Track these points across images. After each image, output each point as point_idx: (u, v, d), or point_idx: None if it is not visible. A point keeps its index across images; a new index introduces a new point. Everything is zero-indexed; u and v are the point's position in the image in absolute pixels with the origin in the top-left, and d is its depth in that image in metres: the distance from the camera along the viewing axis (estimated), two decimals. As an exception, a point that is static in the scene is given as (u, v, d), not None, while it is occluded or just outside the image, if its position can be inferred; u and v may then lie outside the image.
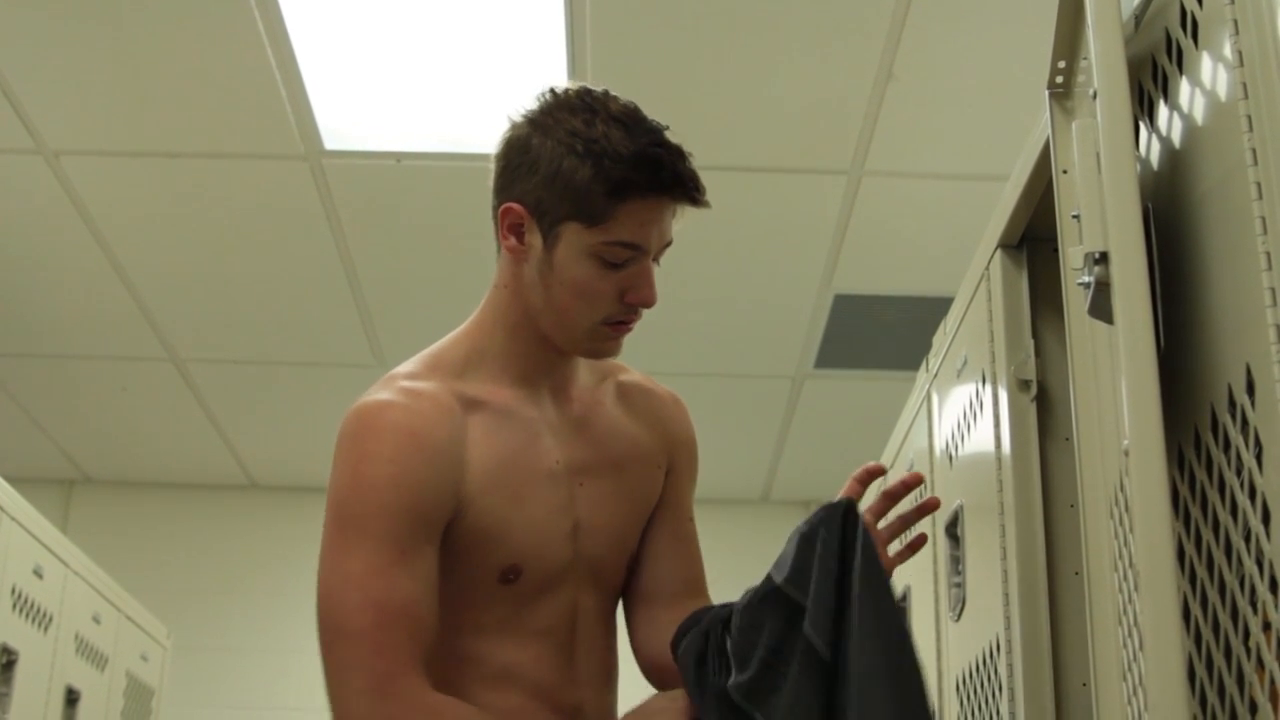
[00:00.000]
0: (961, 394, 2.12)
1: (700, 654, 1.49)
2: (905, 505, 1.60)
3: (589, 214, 1.49)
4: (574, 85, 1.56)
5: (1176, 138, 1.32)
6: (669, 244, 1.57)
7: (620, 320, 1.56)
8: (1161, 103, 1.36)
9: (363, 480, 1.46)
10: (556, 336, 1.57)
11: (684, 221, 1.58)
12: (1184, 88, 1.30)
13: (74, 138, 3.83)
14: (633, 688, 1.65)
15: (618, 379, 1.72)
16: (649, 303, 1.55)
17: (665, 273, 1.59)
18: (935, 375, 2.33)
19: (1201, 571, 1.23)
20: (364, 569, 1.42)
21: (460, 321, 1.66)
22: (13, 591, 3.09)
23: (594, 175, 1.48)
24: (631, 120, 1.52)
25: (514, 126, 1.56)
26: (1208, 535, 1.22)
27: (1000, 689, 1.82)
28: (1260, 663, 1.11)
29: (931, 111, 3.66)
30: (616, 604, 1.68)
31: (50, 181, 3.99)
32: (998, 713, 1.84)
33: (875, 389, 5.06)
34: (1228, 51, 1.19)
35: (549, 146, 1.51)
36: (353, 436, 1.49)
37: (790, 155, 3.83)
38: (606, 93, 1.55)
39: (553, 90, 1.56)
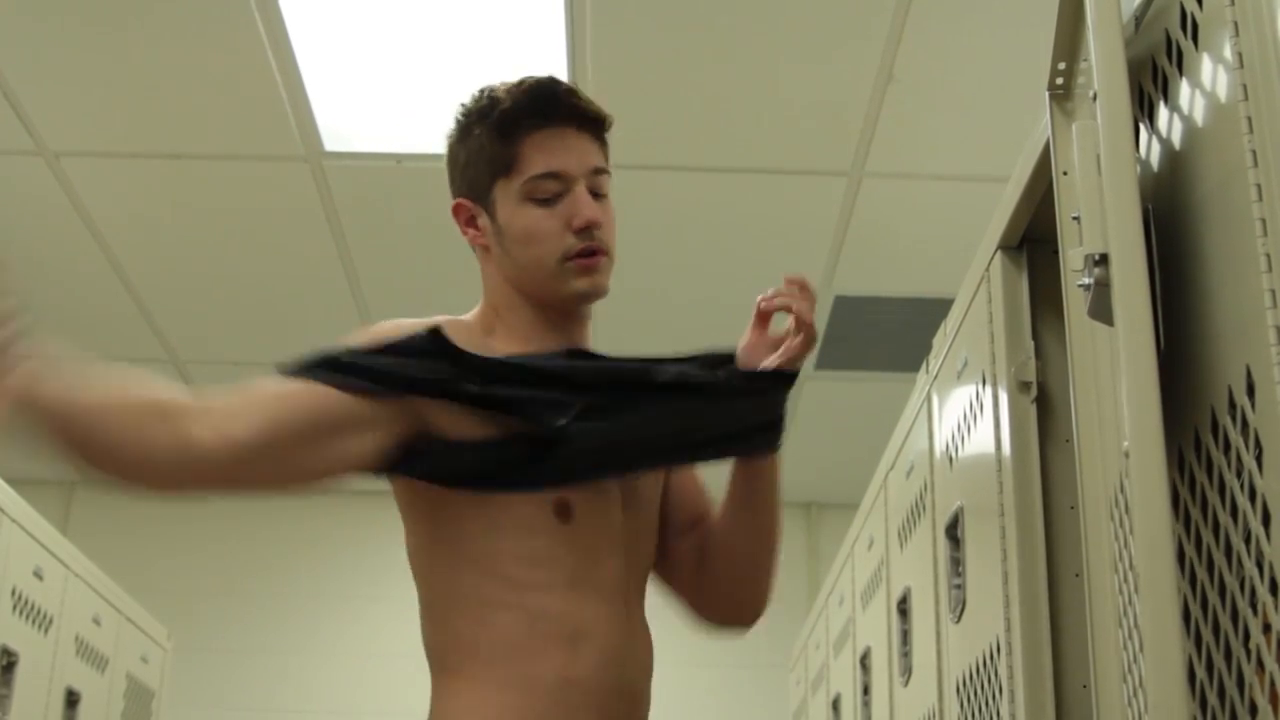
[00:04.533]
0: (962, 395, 2.12)
1: None
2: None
3: (503, 165, 1.60)
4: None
5: (1177, 139, 1.32)
6: (603, 172, 1.64)
7: (580, 252, 1.60)
8: (1162, 104, 1.36)
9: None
10: (539, 294, 1.62)
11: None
12: (1184, 89, 1.30)
13: (74, 138, 3.83)
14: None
15: None
16: (594, 221, 1.59)
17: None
18: (935, 377, 2.33)
19: (1202, 573, 1.23)
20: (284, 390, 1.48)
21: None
22: (13, 593, 3.09)
23: (490, 130, 1.61)
24: (517, 80, 1.65)
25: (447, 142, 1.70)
26: (1208, 537, 1.22)
27: (1000, 691, 1.82)
28: (1260, 664, 1.11)
29: (932, 113, 3.66)
30: (646, 589, 1.68)
31: (50, 182, 3.99)
32: (998, 714, 1.84)
33: (875, 390, 5.06)
34: (1228, 53, 1.18)
35: (461, 135, 1.65)
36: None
37: (790, 156, 3.83)
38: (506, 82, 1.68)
39: (462, 103, 1.69)
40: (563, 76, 3.54)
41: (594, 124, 1.63)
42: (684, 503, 1.73)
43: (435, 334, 1.53)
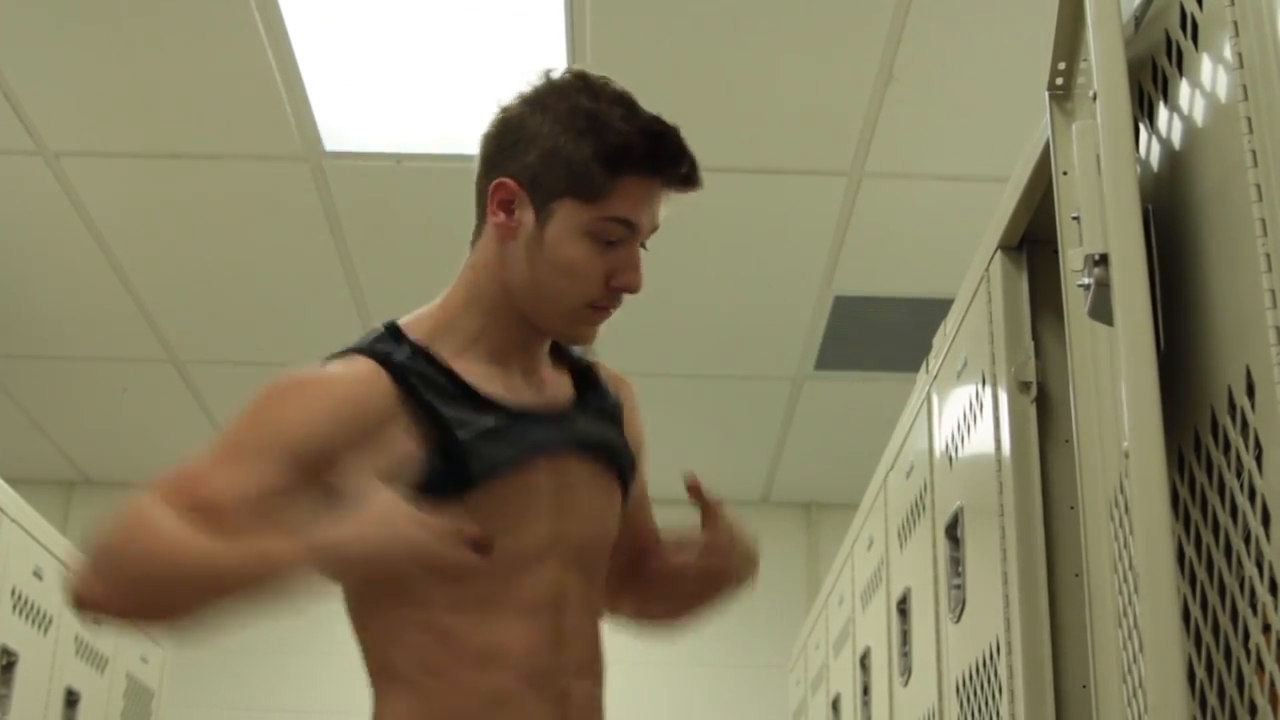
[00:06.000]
0: (961, 395, 2.12)
1: None
2: None
3: (587, 189, 1.49)
4: (570, 69, 1.57)
5: (1176, 139, 1.32)
6: (656, 230, 1.56)
7: (604, 305, 1.54)
8: (1161, 104, 1.36)
9: (265, 402, 1.51)
10: (536, 317, 1.55)
11: (675, 209, 1.58)
12: (1184, 89, 1.30)
13: (74, 138, 3.83)
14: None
15: (586, 364, 1.69)
16: (635, 287, 1.53)
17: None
18: (935, 377, 2.33)
19: (1201, 573, 1.23)
20: (219, 456, 1.44)
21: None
22: (13, 593, 3.09)
23: (595, 150, 1.49)
24: (629, 103, 1.55)
25: (508, 107, 1.56)
26: (1208, 537, 1.22)
27: (1000, 691, 1.82)
28: (1260, 664, 1.11)
29: (931, 113, 3.66)
30: (601, 592, 1.64)
31: (50, 182, 3.99)
32: (998, 714, 1.84)
33: (875, 390, 5.06)
34: (1228, 53, 1.18)
35: (548, 123, 1.51)
36: (270, 385, 1.53)
37: (790, 156, 3.83)
38: (603, 77, 1.57)
39: (548, 73, 1.56)
40: (563, 76, 3.53)
41: (686, 190, 1.55)
42: (629, 533, 1.68)
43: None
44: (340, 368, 1.53)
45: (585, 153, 1.49)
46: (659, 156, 1.51)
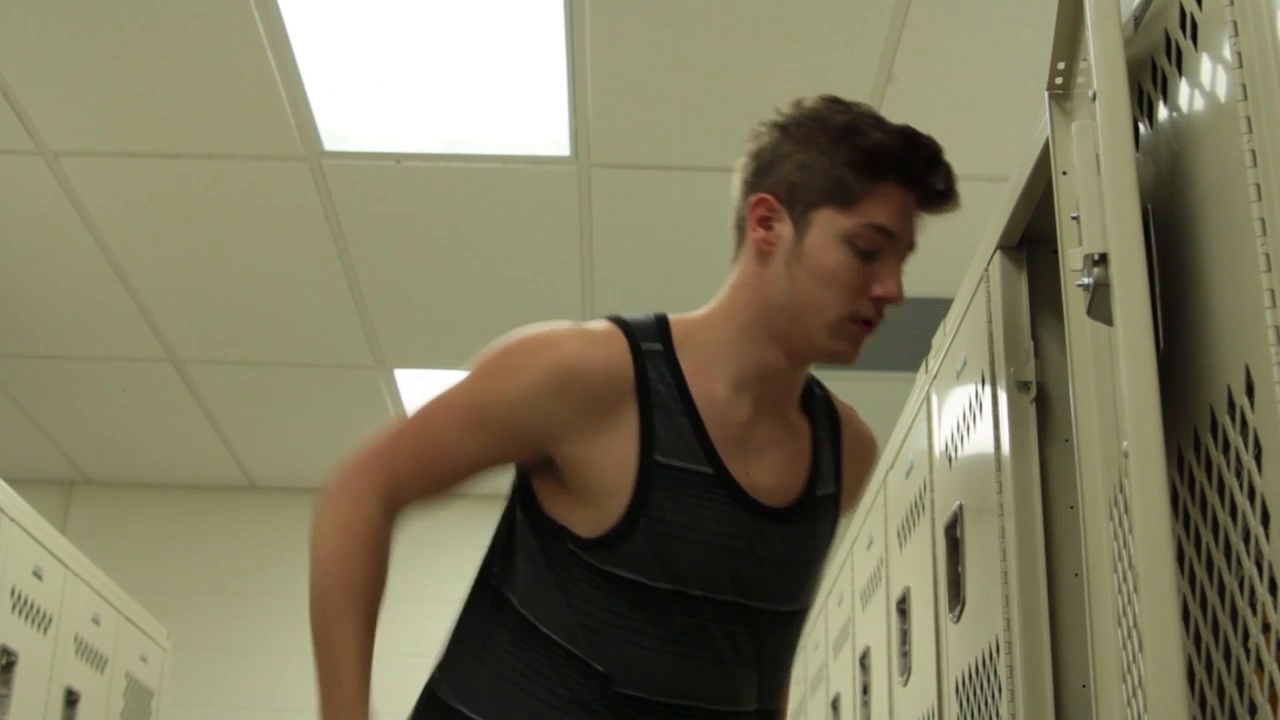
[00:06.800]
0: (961, 395, 2.12)
1: None
2: None
3: (844, 196, 1.50)
4: (820, 96, 1.59)
5: (1176, 139, 1.32)
6: (913, 249, 1.56)
7: (865, 318, 1.54)
8: (1161, 104, 1.36)
9: (506, 366, 1.49)
10: (797, 334, 1.54)
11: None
12: (1183, 89, 1.30)
13: (74, 138, 3.84)
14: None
15: (836, 408, 1.71)
16: (895, 297, 1.53)
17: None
18: (935, 376, 2.33)
19: (1201, 573, 1.23)
20: (445, 409, 1.49)
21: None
22: (12, 592, 3.09)
23: (850, 156, 1.50)
24: (882, 118, 1.56)
25: (761, 133, 1.58)
26: (1207, 537, 1.22)
27: (1000, 690, 1.81)
28: (1259, 664, 1.11)
29: (931, 112, 3.66)
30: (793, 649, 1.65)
31: (50, 182, 4.00)
32: (997, 714, 1.84)
33: (874, 390, 5.05)
34: (1227, 53, 1.18)
35: (803, 138, 1.53)
36: (515, 343, 1.52)
37: (790, 156, 3.83)
38: (855, 101, 1.59)
39: (800, 101, 1.58)
40: (562, 77, 3.53)
41: (941, 208, 1.57)
42: None
43: None
44: (589, 335, 1.52)
45: (841, 159, 1.50)
46: (915, 162, 1.53)
